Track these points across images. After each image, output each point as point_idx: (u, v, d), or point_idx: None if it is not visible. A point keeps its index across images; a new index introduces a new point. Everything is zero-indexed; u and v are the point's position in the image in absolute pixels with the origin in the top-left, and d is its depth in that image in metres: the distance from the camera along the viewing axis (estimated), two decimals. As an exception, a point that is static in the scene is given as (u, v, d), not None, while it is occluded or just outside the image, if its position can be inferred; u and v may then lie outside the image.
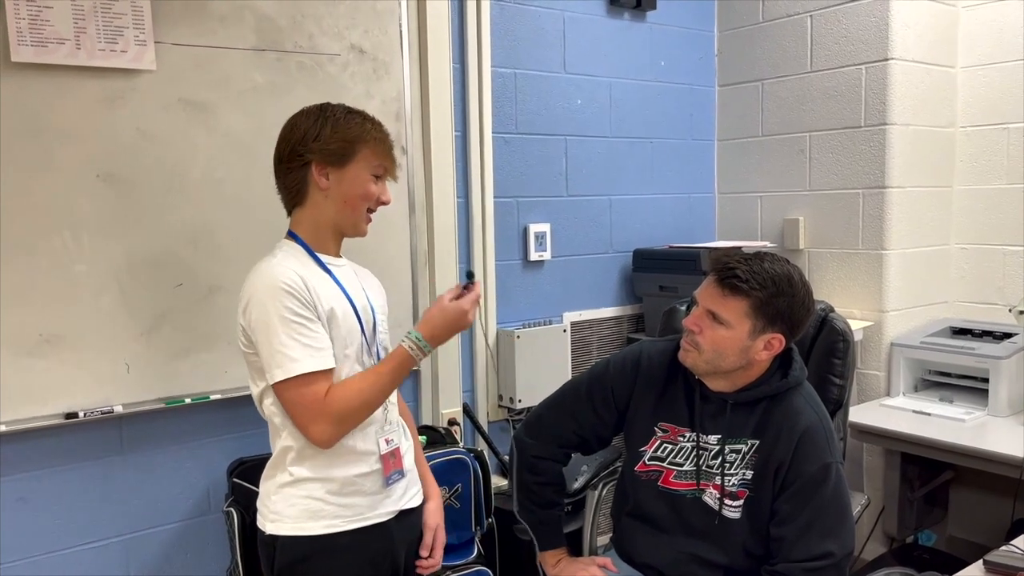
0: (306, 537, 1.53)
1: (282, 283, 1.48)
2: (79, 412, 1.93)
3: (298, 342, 1.47)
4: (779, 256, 1.64)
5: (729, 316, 1.58)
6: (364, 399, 1.53)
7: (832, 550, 1.57)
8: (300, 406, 1.49)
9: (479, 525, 2.31)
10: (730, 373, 1.64)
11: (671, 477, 1.71)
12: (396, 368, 1.55)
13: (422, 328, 1.56)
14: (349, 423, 1.52)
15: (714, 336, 1.59)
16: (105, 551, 2.07)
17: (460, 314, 1.57)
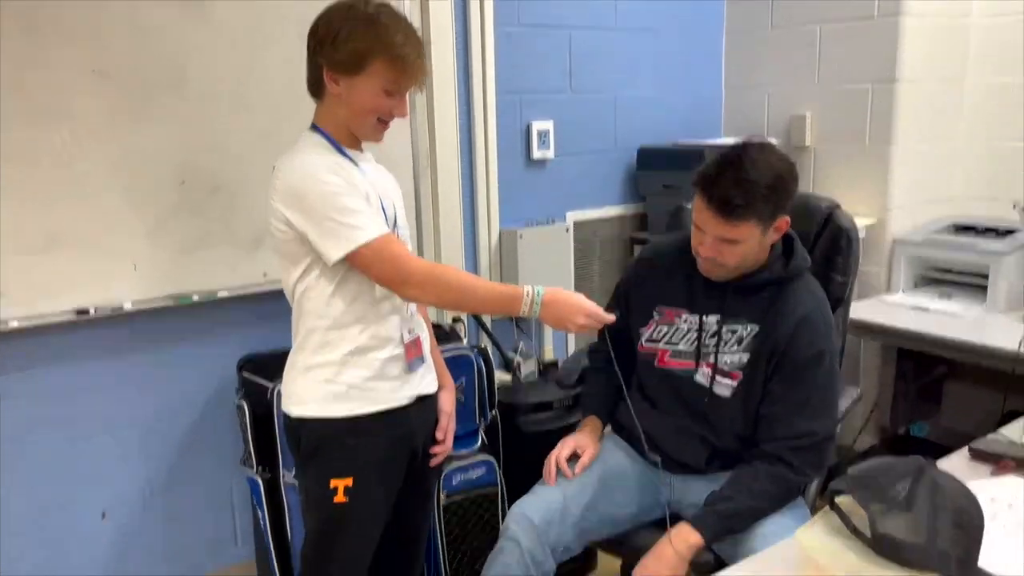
0: (330, 419, 1.58)
1: (322, 165, 1.50)
2: (90, 308, 1.97)
3: (358, 211, 1.48)
4: (755, 145, 1.62)
5: (741, 235, 1.61)
6: (462, 284, 1.55)
7: (816, 429, 1.64)
8: (388, 260, 1.49)
9: (483, 417, 2.38)
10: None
11: (667, 357, 1.78)
12: (502, 294, 1.57)
13: (549, 292, 1.56)
14: (441, 291, 1.53)
15: (733, 253, 1.64)
16: (123, 443, 2.16)
17: (579, 307, 1.57)
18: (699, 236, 1.66)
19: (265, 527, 2.12)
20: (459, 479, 2.28)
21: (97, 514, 2.15)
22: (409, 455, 1.69)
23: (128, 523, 2.19)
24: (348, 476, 1.58)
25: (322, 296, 1.56)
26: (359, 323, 1.57)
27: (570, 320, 1.56)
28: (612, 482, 1.79)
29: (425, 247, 2.53)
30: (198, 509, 2.30)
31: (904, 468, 1.12)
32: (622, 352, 1.90)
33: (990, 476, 1.50)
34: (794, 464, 1.64)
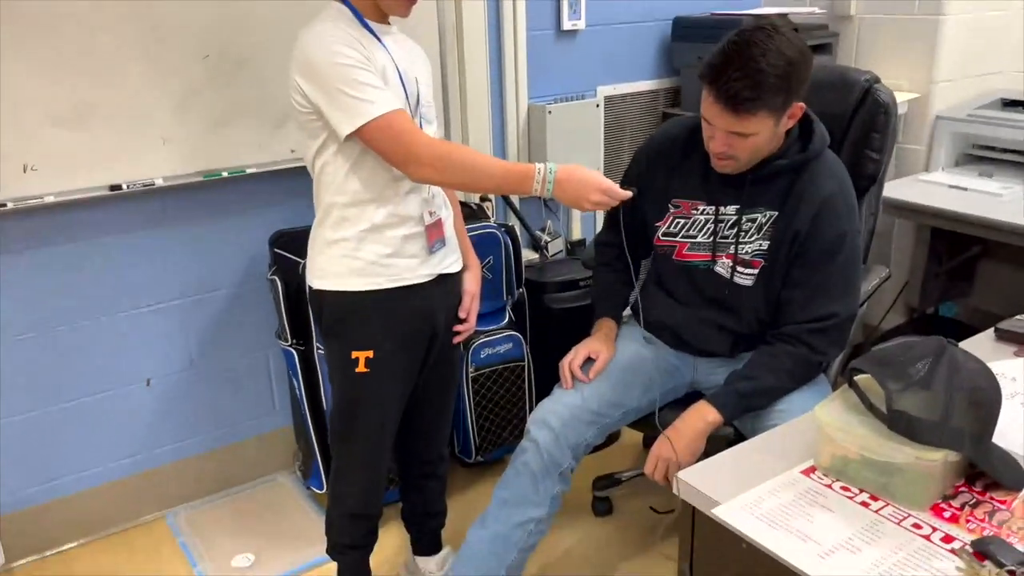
0: (349, 293, 1.62)
1: (337, 36, 1.47)
2: (122, 184, 1.99)
3: (370, 86, 1.47)
4: (763, 30, 1.52)
5: (753, 128, 1.55)
6: (472, 163, 1.53)
7: (837, 311, 1.64)
8: (397, 137, 1.48)
9: (510, 295, 2.42)
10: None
11: (684, 250, 1.76)
12: (513, 172, 1.53)
13: (562, 169, 1.52)
14: (448, 170, 1.52)
15: (744, 147, 1.58)
16: (161, 314, 2.23)
17: (593, 184, 1.51)
18: (709, 130, 1.60)
19: (301, 396, 2.21)
20: (486, 353, 2.34)
21: (142, 382, 2.25)
22: (430, 331, 1.72)
23: (172, 391, 2.30)
24: (368, 348, 1.63)
25: (339, 172, 1.56)
26: (376, 201, 1.58)
27: (584, 198, 1.53)
28: (633, 375, 1.82)
29: (452, 124, 2.49)
30: (237, 378, 2.40)
31: (925, 348, 1.12)
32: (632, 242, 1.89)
33: (1013, 356, 1.50)
34: (814, 345, 1.65)
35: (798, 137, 1.67)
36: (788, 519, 1.07)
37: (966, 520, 1.06)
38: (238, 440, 2.45)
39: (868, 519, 1.07)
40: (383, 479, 1.80)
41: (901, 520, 1.07)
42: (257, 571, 2.13)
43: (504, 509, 1.74)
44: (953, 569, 0.97)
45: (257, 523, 2.31)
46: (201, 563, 2.16)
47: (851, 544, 1.02)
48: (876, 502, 1.10)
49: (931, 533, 1.04)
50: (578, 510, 2.33)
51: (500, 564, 1.72)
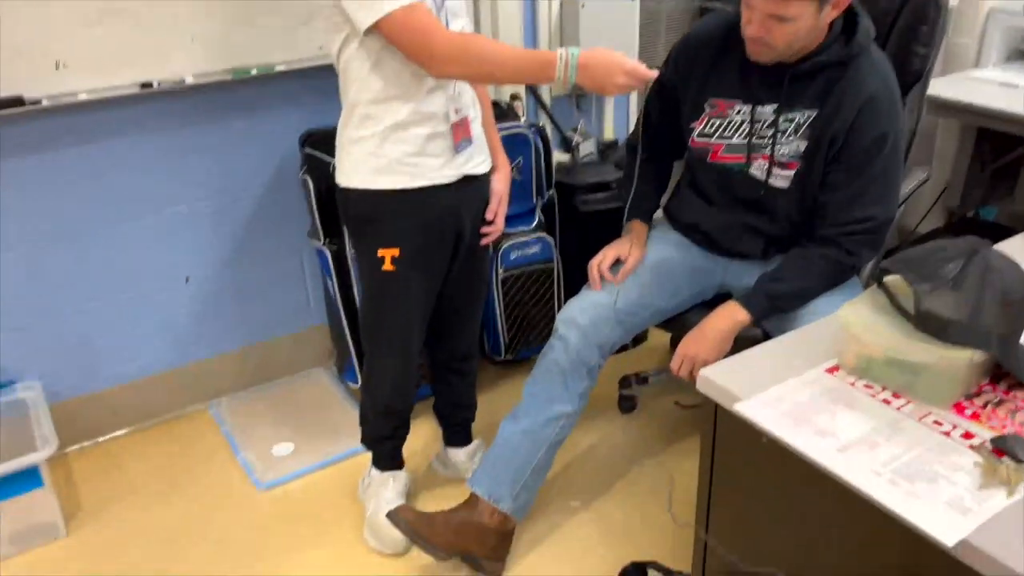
0: (374, 191, 1.63)
1: None
2: (153, 82, 1.99)
3: None
4: None
5: (794, 12, 1.47)
6: (491, 54, 1.50)
7: (874, 215, 1.62)
8: (416, 30, 1.45)
9: (540, 196, 2.41)
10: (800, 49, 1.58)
11: (720, 152, 1.72)
12: (535, 60, 1.50)
13: (585, 53, 1.46)
14: (467, 63, 1.49)
15: (784, 32, 1.51)
16: (197, 213, 2.26)
17: (618, 66, 1.45)
18: (747, 13, 1.53)
19: (335, 294, 2.26)
20: (516, 255, 2.35)
21: (181, 279, 2.31)
22: (455, 232, 1.73)
23: (209, 288, 2.36)
24: (394, 247, 1.65)
25: (363, 68, 1.54)
26: (400, 98, 1.56)
27: (610, 81, 1.47)
28: (663, 275, 1.82)
29: (482, 19, 2.43)
30: (272, 277, 2.44)
31: (957, 249, 1.10)
32: (666, 143, 1.86)
33: (1051, 259, 1.47)
34: (849, 248, 1.63)
35: (841, 31, 1.60)
36: (809, 415, 1.09)
37: (988, 418, 1.07)
38: (275, 336, 2.52)
39: (889, 416, 1.09)
40: (413, 375, 1.86)
41: (922, 417, 1.08)
42: (296, 459, 2.23)
43: (535, 404, 1.79)
44: (971, 464, 0.99)
45: (295, 415, 2.41)
46: (244, 451, 2.26)
47: (870, 439, 1.04)
48: (898, 400, 1.12)
49: (951, 430, 1.05)
50: (604, 408, 2.38)
51: (531, 456, 1.78)
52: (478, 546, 1.77)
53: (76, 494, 2.13)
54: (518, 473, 1.78)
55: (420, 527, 1.75)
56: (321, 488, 2.13)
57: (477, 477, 1.81)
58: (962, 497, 0.94)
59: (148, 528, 2.02)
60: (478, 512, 1.78)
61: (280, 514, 2.05)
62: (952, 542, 0.88)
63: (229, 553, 1.93)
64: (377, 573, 1.86)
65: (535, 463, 1.79)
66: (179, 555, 1.93)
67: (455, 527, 1.77)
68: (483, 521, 1.78)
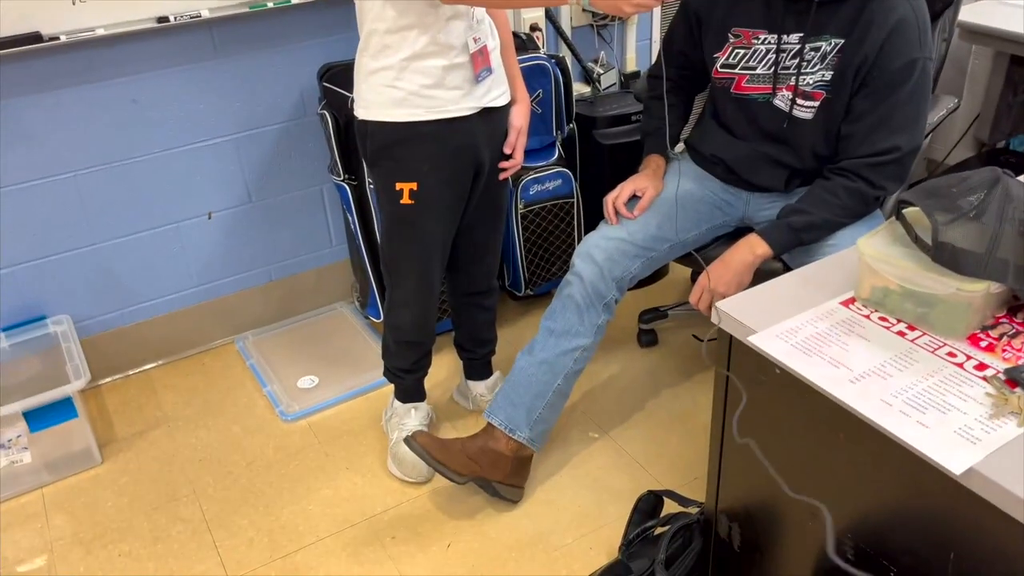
0: (391, 124, 1.62)
1: None
2: (169, 16, 1.98)
3: None
4: None
5: None
6: None
7: (900, 144, 1.59)
8: None
9: (560, 130, 2.38)
10: None
11: (744, 82, 1.70)
12: None
13: None
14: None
15: None
16: (219, 148, 2.27)
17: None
18: None
19: (355, 229, 2.27)
20: (536, 189, 2.34)
21: (204, 215, 2.34)
22: (474, 165, 1.73)
23: (232, 224, 2.39)
24: (412, 180, 1.66)
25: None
26: (416, 28, 1.54)
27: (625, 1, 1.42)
28: (683, 208, 1.81)
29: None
30: (294, 212, 2.46)
31: (979, 180, 1.09)
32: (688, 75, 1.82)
33: (1078, 190, 1.45)
34: (872, 179, 1.61)
35: None
36: (822, 347, 1.10)
37: (1003, 350, 1.07)
38: (298, 272, 2.55)
39: (903, 347, 1.09)
40: (434, 308, 1.88)
41: (936, 349, 1.09)
42: (321, 391, 2.28)
43: (551, 339, 1.80)
44: (982, 395, 1.00)
45: (319, 348, 2.45)
46: (270, 384, 2.32)
47: (883, 370, 1.05)
48: (913, 331, 1.12)
49: (965, 361, 1.06)
50: (624, 342, 2.40)
51: (548, 387, 1.80)
52: (494, 471, 1.81)
53: (110, 424, 2.21)
54: (534, 403, 1.81)
55: (436, 451, 1.78)
56: (345, 419, 2.19)
57: (494, 407, 1.85)
58: (972, 427, 0.95)
59: (180, 455, 2.09)
60: (494, 439, 1.82)
61: (306, 444, 2.11)
62: (959, 470, 0.90)
63: (259, 478, 2.00)
64: (400, 500, 1.92)
65: (552, 393, 1.81)
66: (211, 479, 2.00)
67: (472, 453, 1.81)
68: (499, 448, 1.82)
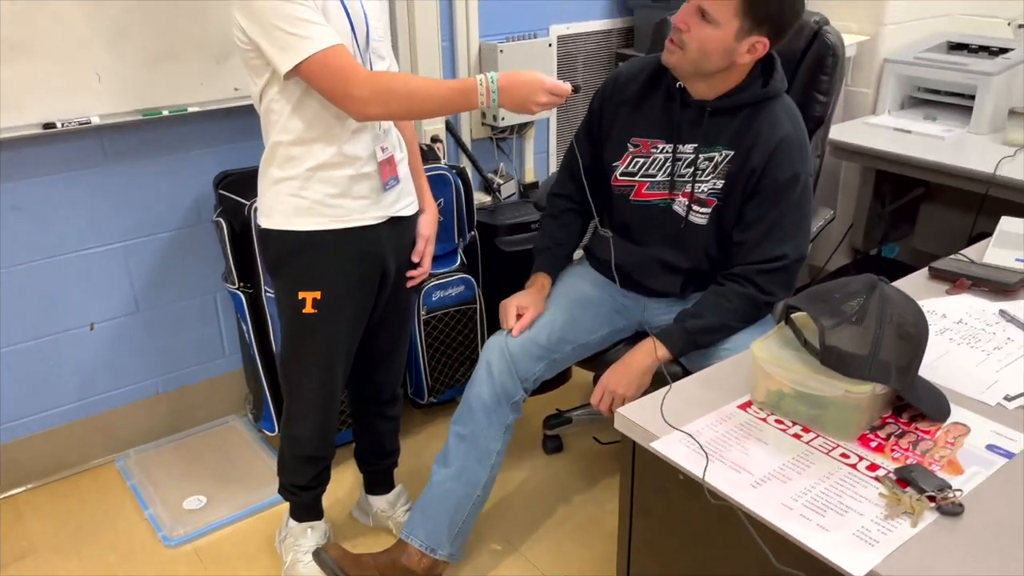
0: (296, 232, 1.60)
1: None
2: (56, 122, 1.92)
3: (307, 21, 1.43)
4: None
5: (718, 14, 1.54)
6: (412, 90, 1.50)
7: (787, 252, 1.67)
8: (335, 73, 1.44)
9: (462, 237, 2.41)
10: (712, 76, 1.63)
11: (644, 189, 1.77)
12: (455, 90, 1.49)
13: (503, 76, 1.48)
14: (388, 102, 1.48)
15: (701, 35, 1.57)
16: (106, 256, 2.18)
17: (537, 84, 1.48)
18: (681, 9, 1.59)
19: (250, 338, 2.20)
20: (439, 296, 2.34)
21: (86, 326, 2.21)
22: (379, 274, 1.71)
23: (117, 335, 2.27)
24: (316, 289, 1.62)
25: (285, 110, 1.53)
26: (323, 139, 1.55)
27: (532, 101, 1.50)
28: (583, 311, 1.84)
29: (401, 61, 2.44)
30: (185, 321, 2.37)
31: (858, 286, 1.15)
32: (585, 190, 1.89)
33: (945, 295, 1.55)
34: (763, 285, 1.68)
35: (760, 74, 1.67)
36: (723, 451, 1.11)
37: (891, 449, 1.11)
38: (187, 384, 2.43)
39: (799, 450, 1.11)
40: (335, 420, 1.81)
41: (830, 450, 1.11)
42: (209, 512, 2.14)
43: (463, 445, 1.77)
44: (876, 496, 1.02)
45: (209, 465, 2.31)
46: (152, 505, 2.16)
47: (782, 474, 1.06)
48: (808, 434, 1.15)
49: (857, 462, 1.09)
50: (530, 449, 2.38)
51: (467, 500, 1.77)
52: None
53: (-32, 558, 1.99)
54: (454, 517, 1.77)
55: (347, 565, 1.71)
56: (235, 542, 2.05)
57: (412, 526, 1.79)
58: (869, 529, 0.96)
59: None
60: (407, 555, 1.77)
61: (191, 571, 1.95)
62: (860, 573, 0.90)
63: (136, 615, 1.83)
64: (295, 629, 1.79)
65: (471, 505, 1.78)
66: (81, 619, 1.82)
67: (382, 568, 1.75)
68: (411, 565, 1.76)
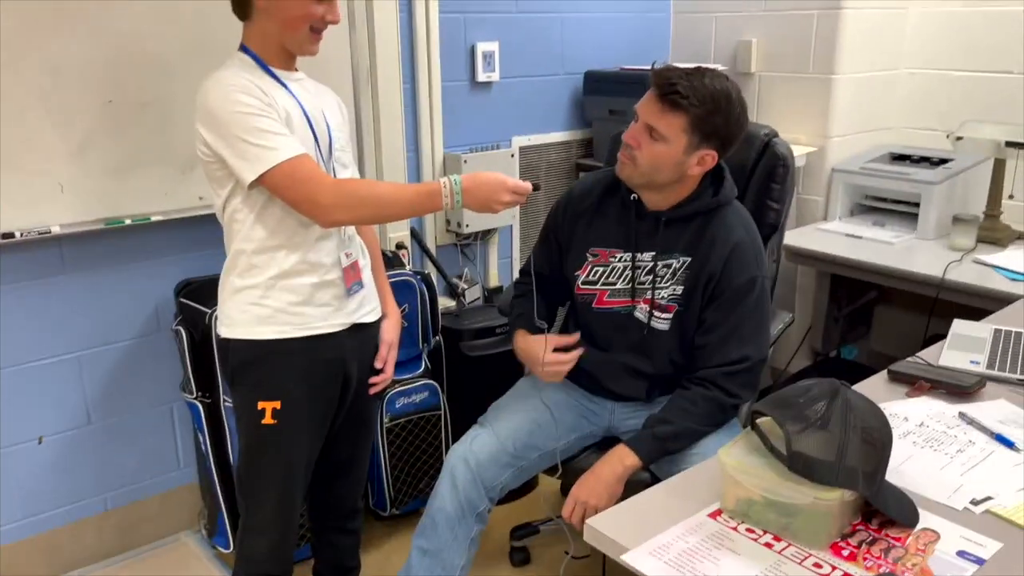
0: (256, 341, 1.58)
1: (237, 85, 1.46)
2: (15, 232, 1.90)
3: (271, 132, 1.45)
4: (719, 72, 1.63)
5: (667, 132, 1.60)
6: (377, 195, 1.54)
7: (749, 354, 1.70)
8: (300, 182, 1.46)
9: (426, 343, 2.40)
10: (664, 187, 1.69)
11: (605, 297, 1.79)
12: (420, 193, 1.52)
13: (466, 178, 1.52)
14: (355, 208, 1.50)
15: (651, 151, 1.63)
16: (59, 367, 2.12)
17: (499, 184, 1.52)
18: (631, 127, 1.66)
19: (207, 450, 2.13)
20: (402, 403, 2.31)
21: (33, 439, 2.13)
22: (341, 382, 1.69)
23: (68, 447, 2.18)
24: (276, 399, 1.59)
25: (247, 219, 1.54)
26: (285, 247, 1.56)
27: (495, 200, 1.53)
28: (549, 418, 1.83)
29: (366, 172, 2.49)
30: (139, 432, 2.29)
31: (821, 390, 1.16)
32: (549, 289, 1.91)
33: (905, 397, 1.57)
34: (728, 388, 1.69)
35: (710, 184, 1.74)
36: (694, 563, 1.08)
37: (863, 558, 1.09)
38: (140, 499, 2.33)
39: (771, 560, 1.09)
40: (294, 535, 1.74)
41: (803, 560, 1.09)
42: (157, 638, 2.02)
43: (426, 559, 1.71)
44: (852, 607, 1.00)
45: (159, 587, 2.20)
46: (96, 632, 2.03)
47: (755, 586, 1.04)
48: (779, 543, 1.13)
49: (831, 572, 1.07)
50: (496, 561, 2.29)
51: None
52: None
53: None
54: None
55: None
56: (185, 670, 1.92)
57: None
58: (847, 642, 0.94)
59: None
60: None
61: None
62: None
63: None
64: None
65: None
66: None
67: None
68: None
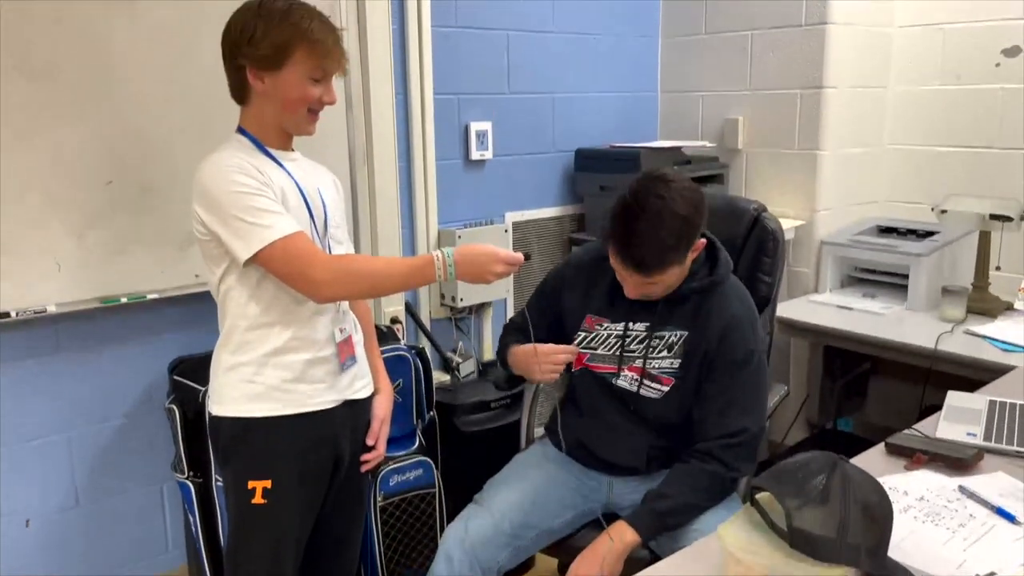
0: (248, 419, 1.57)
1: (233, 165, 1.48)
2: (11, 312, 1.90)
3: (267, 211, 1.47)
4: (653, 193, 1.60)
5: (662, 280, 1.66)
6: (372, 270, 1.56)
7: (747, 426, 1.70)
8: (295, 258, 1.47)
9: (421, 418, 2.38)
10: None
11: (585, 359, 1.81)
12: (413, 266, 1.54)
13: (458, 250, 1.54)
14: (349, 283, 1.52)
15: (660, 288, 1.69)
16: (48, 448, 2.09)
17: (491, 256, 1.54)
18: (622, 279, 1.70)
19: (197, 532, 2.09)
20: (396, 480, 2.27)
21: (21, 522, 2.08)
22: (334, 458, 1.67)
23: (55, 530, 2.13)
24: (266, 478, 1.57)
25: (242, 296, 1.55)
26: (279, 324, 1.56)
27: (488, 271, 1.54)
28: (546, 495, 1.81)
29: (362, 247, 2.52)
30: (128, 514, 2.25)
31: (819, 464, 1.15)
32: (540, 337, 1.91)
33: (904, 470, 1.56)
34: (727, 461, 1.68)
35: (705, 261, 1.77)
36: (698, 645, 1.05)
37: (870, 638, 1.07)
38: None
39: (776, 641, 1.07)
40: (284, 619, 1.69)
41: (808, 640, 1.06)
42: None
43: None
44: None
45: (143, 677, 2.12)
46: None
47: (761, 669, 1.01)
48: (784, 623, 1.10)
49: (837, 653, 1.04)
50: (492, 645, 2.22)
51: None
52: None
53: None
54: None
55: None
56: None
57: None
58: None
59: None
60: None
61: None
62: None
63: None
64: None
65: None
66: None
67: None
68: None
